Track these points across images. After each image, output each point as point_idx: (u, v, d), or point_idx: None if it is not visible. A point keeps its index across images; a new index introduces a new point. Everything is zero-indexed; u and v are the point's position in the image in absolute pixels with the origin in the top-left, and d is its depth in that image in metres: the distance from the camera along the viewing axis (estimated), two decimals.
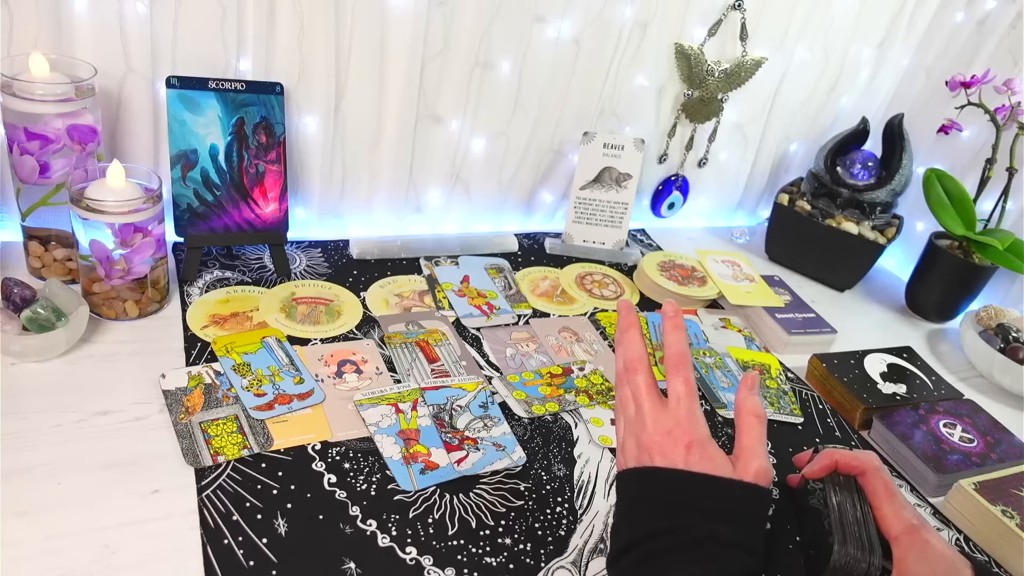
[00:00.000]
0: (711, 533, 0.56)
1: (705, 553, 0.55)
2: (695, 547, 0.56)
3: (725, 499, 0.59)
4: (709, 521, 0.57)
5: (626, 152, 1.18)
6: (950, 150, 1.30)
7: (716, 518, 0.57)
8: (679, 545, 0.56)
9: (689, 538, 0.56)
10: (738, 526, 0.57)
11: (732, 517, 0.58)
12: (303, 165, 1.05)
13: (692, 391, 0.64)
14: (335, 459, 0.74)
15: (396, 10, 0.98)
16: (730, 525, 0.57)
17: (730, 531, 0.57)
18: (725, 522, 0.57)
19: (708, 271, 1.18)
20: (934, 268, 1.22)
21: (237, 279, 0.98)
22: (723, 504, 0.58)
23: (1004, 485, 0.83)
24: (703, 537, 0.56)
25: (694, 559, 0.55)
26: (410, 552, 0.66)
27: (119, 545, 0.61)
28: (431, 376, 0.87)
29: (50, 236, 0.90)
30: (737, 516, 0.58)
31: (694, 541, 0.56)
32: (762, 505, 0.60)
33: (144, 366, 0.80)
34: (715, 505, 0.58)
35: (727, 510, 0.58)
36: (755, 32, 1.20)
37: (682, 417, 0.62)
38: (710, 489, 0.59)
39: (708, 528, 0.57)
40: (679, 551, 0.56)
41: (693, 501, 0.58)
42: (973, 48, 1.28)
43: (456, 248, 1.15)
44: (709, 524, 0.57)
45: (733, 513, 0.58)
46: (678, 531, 0.57)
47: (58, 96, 0.81)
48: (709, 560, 0.55)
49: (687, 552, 0.56)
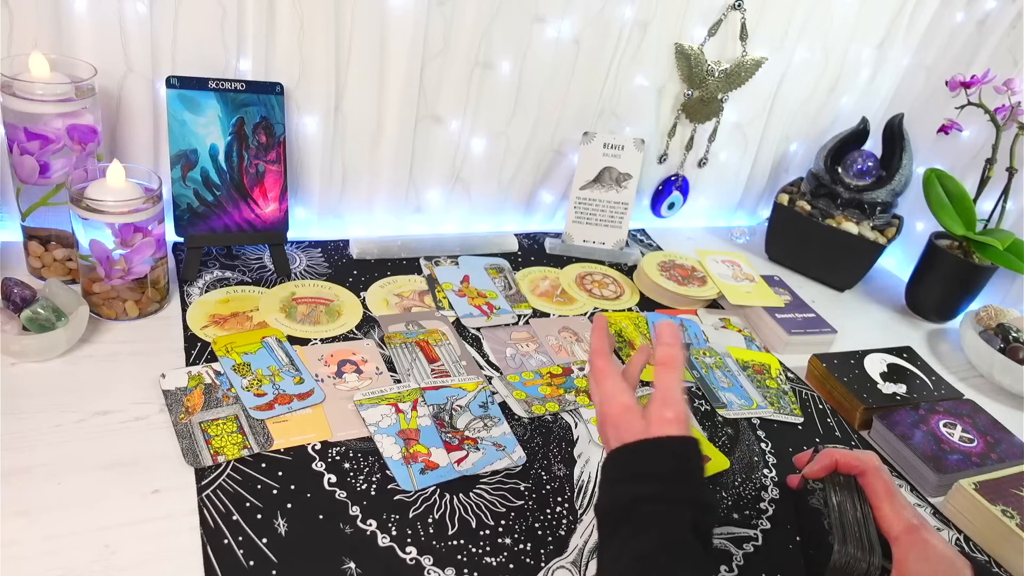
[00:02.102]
0: (635, 497, 0.60)
1: (641, 518, 0.59)
2: (628, 517, 0.59)
3: (638, 462, 0.63)
4: (632, 487, 0.61)
5: (626, 152, 1.18)
6: (950, 150, 1.30)
7: (637, 481, 0.61)
8: (619, 520, 0.60)
9: (623, 510, 0.60)
10: (658, 482, 0.60)
11: (649, 476, 0.61)
12: (303, 165, 1.05)
13: (596, 373, 0.69)
14: (335, 459, 0.74)
15: (396, 10, 0.98)
16: (650, 484, 0.60)
17: (653, 489, 0.60)
18: (644, 482, 0.61)
19: (708, 271, 1.18)
20: (934, 268, 1.22)
21: (237, 279, 0.98)
22: (638, 467, 0.62)
23: (1004, 485, 0.83)
24: (629, 503, 0.60)
25: (639, 529, 0.58)
26: (410, 552, 0.66)
27: (119, 545, 0.61)
28: (431, 376, 0.87)
29: (50, 236, 0.90)
30: (655, 473, 0.61)
31: (626, 510, 0.60)
32: (677, 451, 0.62)
33: (144, 366, 0.80)
34: (633, 470, 0.62)
35: (642, 471, 0.62)
36: (755, 32, 1.20)
37: (598, 404, 0.68)
38: (626, 456, 0.63)
39: (632, 493, 0.60)
40: (622, 525, 0.60)
41: (618, 474, 0.63)
42: (973, 48, 1.28)
43: (456, 248, 1.15)
44: (632, 489, 0.60)
45: (650, 472, 0.61)
46: (614, 507, 0.61)
47: (58, 96, 0.81)
48: (649, 524, 0.58)
49: (626, 523, 0.59)
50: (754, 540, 0.75)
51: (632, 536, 0.58)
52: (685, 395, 0.65)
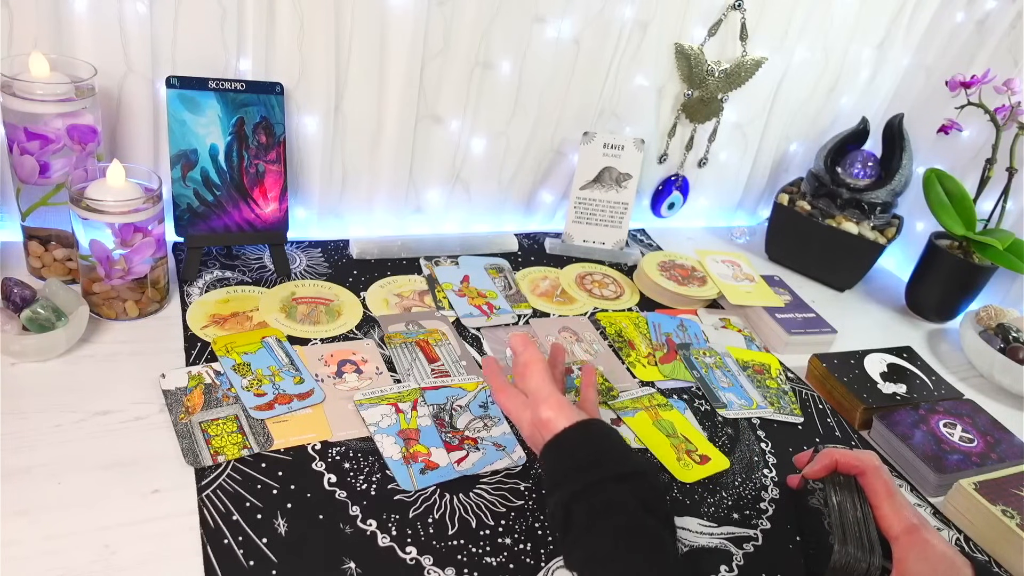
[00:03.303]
0: (562, 503, 0.62)
1: (580, 519, 0.60)
2: (569, 523, 0.61)
3: (549, 470, 0.66)
4: (557, 494, 0.63)
5: (626, 152, 1.18)
6: (950, 150, 1.30)
7: (557, 488, 0.63)
8: (565, 531, 0.62)
9: (562, 521, 0.62)
10: (574, 478, 0.62)
11: (562, 478, 0.63)
12: (303, 165, 1.05)
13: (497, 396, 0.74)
14: (335, 459, 0.74)
15: (396, 10, 0.98)
16: (567, 484, 0.62)
17: (573, 487, 0.62)
18: (562, 486, 0.63)
19: (708, 271, 1.18)
20: (934, 268, 1.22)
21: (237, 279, 0.98)
22: (551, 474, 0.65)
23: (1004, 485, 0.83)
24: (563, 514, 0.62)
25: (581, 529, 0.60)
26: (410, 552, 0.66)
27: (119, 545, 0.61)
28: (431, 376, 0.87)
29: (50, 236, 0.90)
30: (565, 471, 0.63)
31: (564, 521, 0.62)
32: (572, 442, 0.64)
33: (144, 366, 0.80)
34: (550, 479, 0.65)
35: (556, 477, 0.64)
36: (755, 32, 1.20)
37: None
38: (543, 469, 0.67)
39: (558, 500, 0.62)
40: (568, 534, 0.62)
41: (546, 487, 0.66)
42: (973, 48, 1.28)
43: (456, 248, 1.15)
44: (557, 497, 0.63)
45: (561, 473, 0.64)
46: (554, 521, 0.64)
47: (58, 96, 0.81)
48: (588, 520, 0.60)
49: (571, 530, 0.61)
50: (754, 540, 0.75)
51: (578, 540, 0.60)
52: (551, 383, 0.69)
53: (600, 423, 0.67)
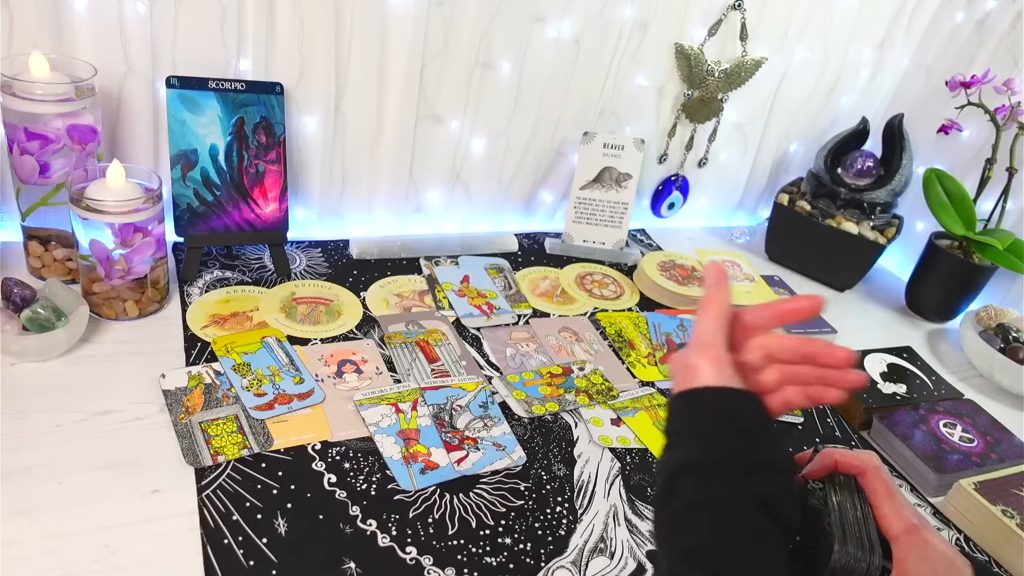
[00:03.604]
0: (670, 467, 0.53)
1: (683, 494, 0.52)
2: (671, 494, 0.53)
3: (671, 421, 0.56)
4: (669, 454, 0.54)
5: (626, 152, 1.18)
6: (950, 150, 1.30)
7: (672, 447, 0.55)
8: (663, 499, 0.54)
9: (663, 487, 0.54)
10: (690, 443, 0.54)
11: (681, 438, 0.55)
12: (303, 165, 1.05)
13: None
14: (335, 459, 0.74)
15: (396, 10, 0.98)
16: (682, 448, 0.54)
17: (686, 454, 0.53)
18: (676, 447, 0.54)
19: None
20: (934, 268, 1.22)
21: (237, 279, 0.98)
22: (671, 428, 0.56)
23: (1004, 485, 0.83)
24: (667, 477, 0.53)
25: (682, 505, 0.52)
26: (410, 552, 0.66)
27: (119, 545, 0.61)
28: (431, 376, 0.87)
29: (50, 236, 0.89)
30: (685, 432, 0.55)
31: (666, 486, 0.54)
32: (705, 403, 0.55)
33: (144, 366, 0.80)
34: (668, 434, 0.56)
35: (673, 434, 0.56)
36: (755, 32, 1.20)
37: None
38: (675, 401, 0.57)
39: (668, 462, 0.54)
40: (667, 505, 0.53)
41: (667, 422, 0.57)
42: (973, 48, 1.28)
43: (456, 248, 1.15)
44: (668, 458, 0.54)
45: (679, 432, 0.55)
46: (657, 481, 0.55)
47: (58, 96, 0.81)
48: (691, 501, 0.51)
49: (670, 502, 0.53)
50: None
51: (675, 515, 0.51)
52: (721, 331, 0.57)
53: (755, 399, 0.56)
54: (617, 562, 0.69)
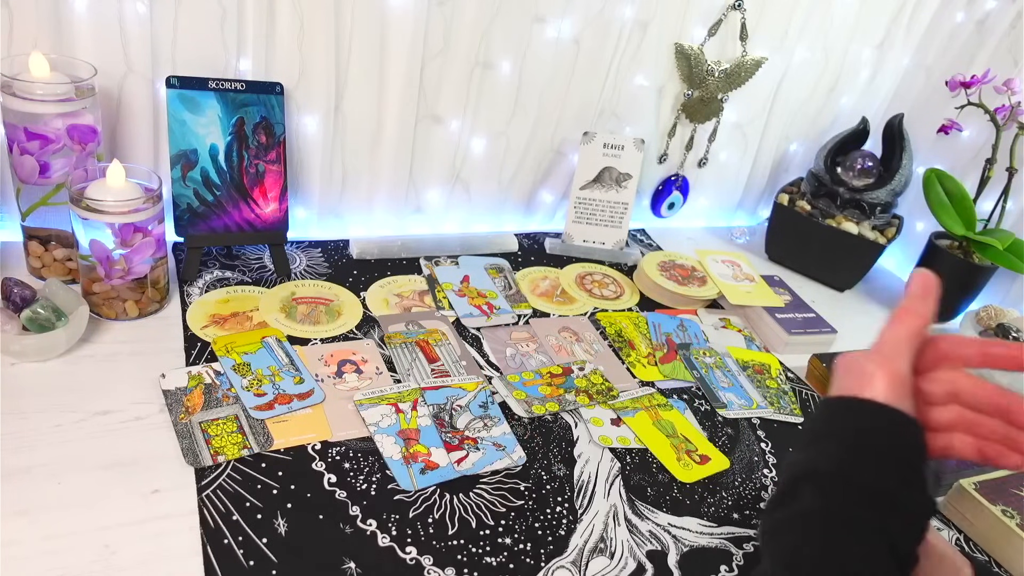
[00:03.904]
0: (797, 470, 0.49)
1: (802, 504, 0.48)
2: (792, 495, 0.49)
3: (816, 422, 0.52)
4: (800, 454, 0.50)
5: (626, 152, 1.18)
6: (950, 150, 1.30)
7: (807, 446, 0.51)
8: (782, 496, 0.50)
9: (786, 484, 0.50)
10: (829, 453, 0.49)
11: (820, 444, 0.50)
12: (303, 165, 1.05)
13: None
14: (335, 459, 0.74)
15: (396, 10, 0.98)
16: (819, 454, 0.49)
17: (820, 462, 0.49)
18: (811, 449, 0.50)
19: (708, 271, 1.18)
20: (934, 268, 1.20)
21: (237, 279, 0.98)
22: (813, 429, 0.51)
23: (1004, 485, 0.83)
24: (790, 478, 0.50)
25: (796, 516, 0.48)
26: (410, 552, 0.66)
27: (119, 545, 0.61)
28: (431, 376, 0.87)
29: (50, 236, 0.89)
30: (826, 438, 0.50)
31: (789, 485, 0.50)
32: (862, 415, 0.50)
33: (144, 366, 0.80)
34: (809, 434, 0.52)
35: (814, 436, 0.51)
36: (755, 32, 1.20)
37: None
38: (826, 403, 0.52)
39: (798, 463, 0.50)
40: (782, 507, 0.50)
41: (811, 422, 0.52)
42: (973, 48, 1.28)
43: (456, 248, 1.15)
44: (799, 458, 0.50)
45: (821, 437, 0.51)
46: (781, 478, 0.51)
47: (58, 96, 0.81)
48: (810, 515, 0.47)
49: (788, 503, 0.49)
50: (754, 540, 0.75)
51: (788, 524, 0.48)
52: (909, 353, 0.52)
53: (918, 431, 0.50)
54: (617, 562, 0.69)
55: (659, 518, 0.75)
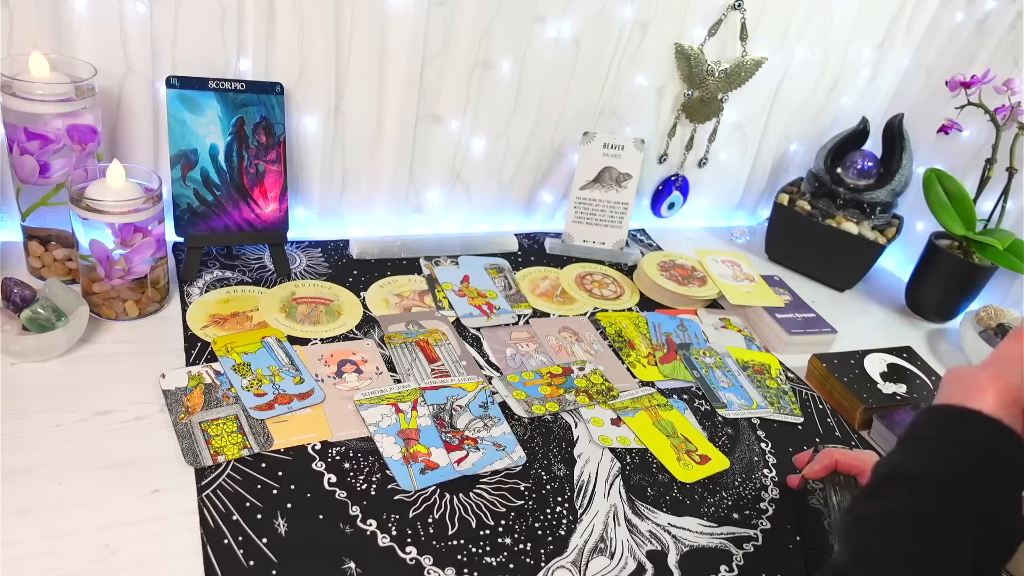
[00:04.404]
0: (893, 468, 0.50)
1: (890, 505, 0.49)
2: (880, 491, 0.50)
3: (915, 427, 0.52)
4: (897, 455, 0.51)
5: (626, 152, 1.18)
6: (950, 150, 1.30)
7: (903, 450, 0.51)
8: (871, 491, 0.51)
9: (877, 481, 0.51)
10: (924, 456, 0.49)
11: (916, 447, 0.51)
12: (303, 165, 1.05)
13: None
14: (335, 459, 0.74)
15: (396, 10, 0.98)
16: (914, 456, 0.50)
17: (915, 464, 0.49)
18: (907, 453, 0.50)
19: (708, 271, 1.18)
20: (934, 268, 1.22)
21: (237, 279, 0.98)
22: (911, 432, 0.52)
23: None
24: (884, 474, 0.50)
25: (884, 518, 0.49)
26: (410, 552, 0.66)
27: (119, 545, 0.61)
28: (431, 376, 0.87)
29: (50, 236, 0.90)
30: (922, 441, 0.50)
31: (879, 482, 0.50)
32: (963, 426, 0.49)
33: (144, 366, 0.80)
34: (906, 435, 0.52)
35: (911, 438, 0.51)
36: (755, 32, 1.20)
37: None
38: (929, 411, 0.52)
39: (893, 462, 0.50)
40: (871, 501, 0.50)
41: (910, 427, 0.53)
42: (973, 48, 1.28)
43: (456, 248, 1.15)
44: (894, 458, 0.50)
45: (918, 441, 0.51)
46: (875, 473, 0.52)
47: (58, 96, 0.81)
48: (897, 515, 0.48)
49: (876, 499, 0.50)
50: (754, 540, 0.75)
51: (873, 522, 0.48)
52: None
53: (1021, 445, 0.50)
54: (617, 562, 0.69)
55: (659, 518, 0.75)
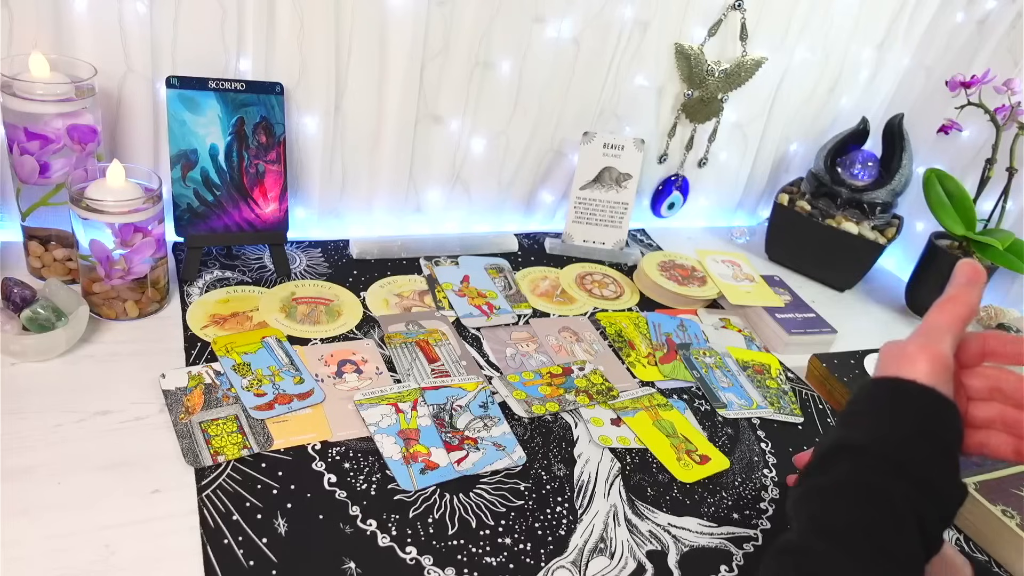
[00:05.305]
0: (836, 442, 0.51)
1: (835, 476, 0.50)
2: (821, 467, 0.51)
3: (851, 402, 0.53)
4: (837, 429, 0.52)
5: (626, 152, 1.18)
6: (950, 150, 1.30)
7: (842, 424, 0.52)
8: (812, 467, 0.52)
9: (819, 457, 0.52)
10: (863, 427, 0.51)
11: (854, 419, 0.52)
12: (303, 165, 1.05)
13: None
14: (335, 459, 0.74)
15: (396, 10, 0.98)
16: (853, 428, 0.51)
17: (855, 436, 0.51)
18: (847, 426, 0.52)
19: (708, 271, 1.18)
20: (934, 268, 1.22)
21: (237, 279, 0.98)
22: (848, 407, 0.53)
23: (1004, 485, 0.83)
24: (826, 450, 0.52)
25: (829, 493, 0.50)
26: (410, 552, 0.66)
27: (119, 545, 0.61)
28: (431, 376, 0.87)
29: (50, 236, 0.90)
30: (859, 415, 0.52)
31: (820, 457, 0.52)
32: (898, 394, 0.50)
33: (144, 366, 0.80)
34: (844, 411, 0.54)
35: (848, 413, 0.53)
36: (755, 32, 1.20)
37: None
38: (872, 383, 0.53)
39: (834, 437, 0.52)
40: (813, 474, 0.52)
41: (851, 398, 0.55)
42: (973, 48, 1.28)
43: (456, 248, 1.15)
44: (835, 432, 0.52)
45: (854, 414, 0.53)
46: (816, 453, 0.54)
47: (58, 96, 0.81)
48: (841, 487, 0.49)
49: (817, 474, 0.52)
50: (754, 540, 0.75)
51: (819, 493, 0.50)
52: (952, 339, 0.52)
53: (956, 416, 0.51)
54: (617, 562, 0.69)
55: (659, 518, 0.75)
